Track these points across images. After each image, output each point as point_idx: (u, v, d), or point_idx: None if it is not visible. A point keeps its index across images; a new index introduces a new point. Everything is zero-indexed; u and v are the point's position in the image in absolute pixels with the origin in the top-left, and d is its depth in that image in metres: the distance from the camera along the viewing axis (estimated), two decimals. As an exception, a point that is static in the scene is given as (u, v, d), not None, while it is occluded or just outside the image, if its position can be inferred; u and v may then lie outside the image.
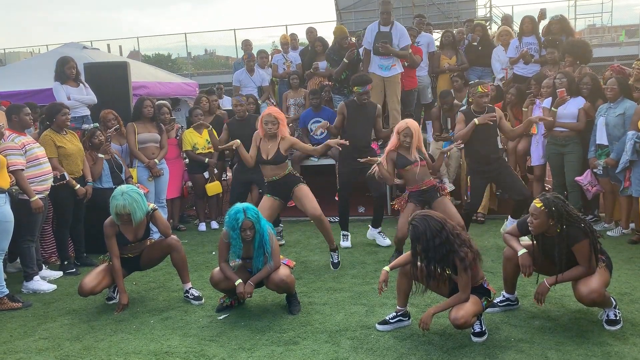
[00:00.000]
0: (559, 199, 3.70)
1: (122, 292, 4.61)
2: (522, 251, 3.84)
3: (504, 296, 4.20)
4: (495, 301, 4.08)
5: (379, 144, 7.04)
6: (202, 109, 7.46)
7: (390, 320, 3.98)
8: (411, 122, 5.24)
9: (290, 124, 7.57)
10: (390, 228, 6.46)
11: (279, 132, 5.22)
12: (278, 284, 4.28)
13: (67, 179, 5.52)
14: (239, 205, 4.21)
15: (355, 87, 5.90)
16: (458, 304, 3.62)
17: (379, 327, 3.98)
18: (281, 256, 4.49)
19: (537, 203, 3.69)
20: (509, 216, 5.86)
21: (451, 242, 3.55)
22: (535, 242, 3.85)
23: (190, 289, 4.76)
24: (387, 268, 3.95)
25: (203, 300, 4.69)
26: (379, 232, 6.16)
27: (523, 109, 6.94)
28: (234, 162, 8.00)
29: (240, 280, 4.26)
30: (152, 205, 4.67)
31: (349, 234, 6.19)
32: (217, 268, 4.42)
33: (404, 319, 4.00)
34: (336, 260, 5.44)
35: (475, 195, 5.72)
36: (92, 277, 4.55)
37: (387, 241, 6.06)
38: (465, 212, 5.72)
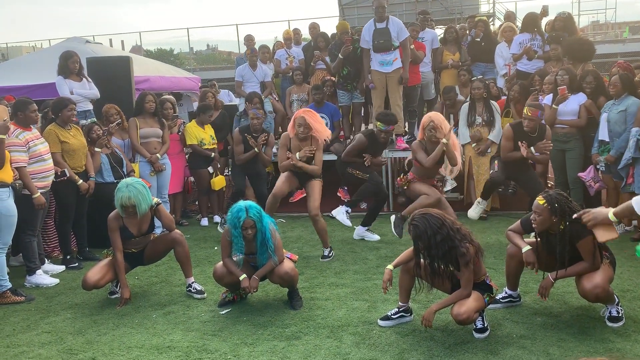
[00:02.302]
0: (561, 196, 3.70)
1: (125, 287, 4.61)
2: (526, 248, 3.85)
3: (506, 293, 4.21)
4: (497, 297, 4.09)
5: (405, 138, 7.52)
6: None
7: (392, 316, 3.99)
8: (434, 114, 5.50)
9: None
10: (383, 225, 6.43)
11: (310, 136, 5.45)
12: (282, 276, 4.30)
13: (68, 175, 5.52)
14: (241, 204, 4.22)
15: (379, 124, 5.88)
16: (460, 300, 3.62)
17: (381, 322, 3.99)
18: (284, 250, 4.50)
19: (539, 200, 3.69)
20: None
21: (452, 237, 3.55)
22: (539, 239, 3.85)
23: (192, 283, 4.77)
24: (390, 267, 3.95)
25: (205, 294, 4.69)
26: (366, 230, 6.21)
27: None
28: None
29: (244, 275, 4.27)
30: (156, 200, 4.68)
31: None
32: (220, 263, 4.43)
33: (406, 314, 4.00)
34: (326, 254, 5.56)
35: (503, 170, 5.87)
36: (96, 271, 4.57)
37: (376, 236, 6.17)
38: (490, 180, 5.99)
